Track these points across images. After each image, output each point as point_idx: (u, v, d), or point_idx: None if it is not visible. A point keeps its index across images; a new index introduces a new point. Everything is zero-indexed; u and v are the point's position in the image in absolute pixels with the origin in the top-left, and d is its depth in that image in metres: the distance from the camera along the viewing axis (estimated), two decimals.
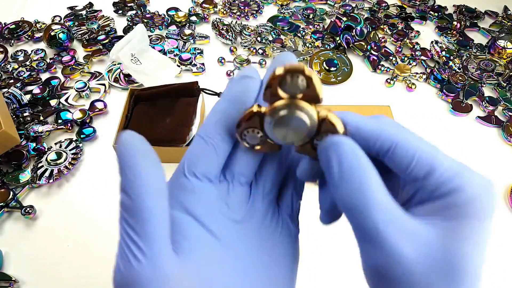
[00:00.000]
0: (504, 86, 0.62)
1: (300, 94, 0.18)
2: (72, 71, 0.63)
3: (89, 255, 0.43)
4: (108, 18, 0.73)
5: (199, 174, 0.20)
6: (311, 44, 0.68)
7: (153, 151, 0.18)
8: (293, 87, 0.18)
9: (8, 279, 0.40)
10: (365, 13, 0.77)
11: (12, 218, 0.46)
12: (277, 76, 0.18)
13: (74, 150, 0.51)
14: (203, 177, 0.20)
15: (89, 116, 0.56)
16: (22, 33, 0.70)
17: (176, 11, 0.75)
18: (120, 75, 0.62)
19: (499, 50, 0.66)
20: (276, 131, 0.19)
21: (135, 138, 0.18)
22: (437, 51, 0.67)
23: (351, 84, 0.63)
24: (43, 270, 0.42)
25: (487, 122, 0.57)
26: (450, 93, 0.60)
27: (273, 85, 0.18)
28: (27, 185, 0.48)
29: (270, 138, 0.20)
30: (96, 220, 0.46)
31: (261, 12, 0.76)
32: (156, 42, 0.68)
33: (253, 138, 0.20)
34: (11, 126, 0.50)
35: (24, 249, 0.43)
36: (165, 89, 0.54)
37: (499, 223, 0.46)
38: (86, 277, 0.41)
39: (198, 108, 0.51)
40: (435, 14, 0.76)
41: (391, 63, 0.66)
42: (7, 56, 0.66)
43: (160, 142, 0.48)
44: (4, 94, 0.57)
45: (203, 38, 0.69)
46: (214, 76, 0.63)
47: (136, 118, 0.52)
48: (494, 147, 0.54)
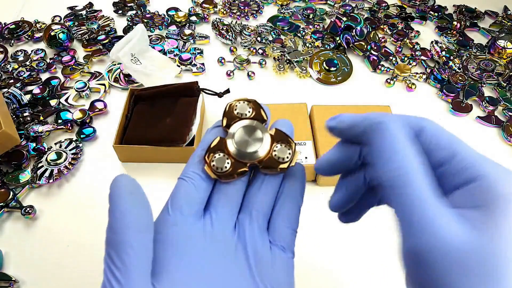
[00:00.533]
0: (504, 86, 0.62)
1: (249, 114, 0.24)
2: (72, 71, 0.63)
3: (89, 255, 0.43)
4: (108, 18, 0.73)
5: (182, 210, 0.22)
6: (311, 44, 0.68)
7: (142, 193, 0.21)
8: (243, 109, 0.24)
9: (8, 279, 0.40)
10: (365, 13, 0.77)
11: (12, 218, 0.46)
12: (232, 105, 0.24)
13: (74, 150, 0.51)
14: (185, 212, 0.22)
15: (89, 116, 0.56)
16: (22, 33, 0.70)
17: (176, 11, 0.75)
18: (120, 75, 0.62)
19: (499, 50, 0.66)
20: (238, 143, 0.23)
21: (126, 179, 0.20)
22: (437, 51, 0.67)
23: (351, 84, 0.63)
24: (43, 270, 0.42)
25: (487, 122, 0.57)
26: (450, 93, 0.60)
27: (228, 111, 0.24)
28: (27, 185, 0.48)
29: (234, 154, 0.23)
30: (96, 220, 0.46)
31: (261, 12, 0.76)
32: (156, 42, 0.68)
33: (220, 161, 0.23)
34: (11, 126, 0.50)
35: (24, 249, 0.43)
36: (165, 89, 0.54)
37: None
38: (86, 277, 0.41)
39: (198, 108, 0.51)
40: (435, 14, 0.76)
41: (391, 63, 0.66)
42: (7, 56, 0.66)
43: (160, 142, 0.48)
44: (4, 94, 0.57)
45: (203, 38, 0.69)
46: (214, 76, 0.63)
47: (136, 118, 0.52)
48: (494, 147, 0.54)
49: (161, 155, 0.49)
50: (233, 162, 0.23)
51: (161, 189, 0.47)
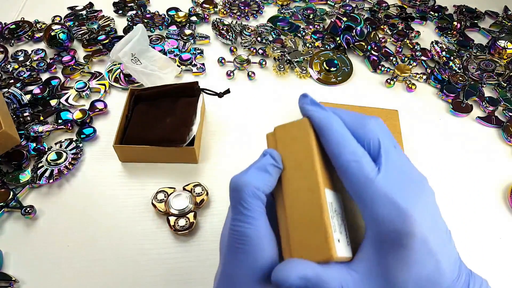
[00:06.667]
0: (504, 86, 0.62)
1: None
2: (72, 71, 0.63)
3: (89, 255, 0.43)
4: (108, 18, 0.73)
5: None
6: (311, 44, 0.68)
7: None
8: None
9: (8, 279, 0.40)
10: (365, 13, 0.77)
11: (12, 218, 0.46)
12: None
13: (74, 150, 0.51)
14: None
15: (89, 116, 0.56)
16: (22, 33, 0.70)
17: (176, 11, 0.75)
18: (120, 75, 0.62)
19: (500, 51, 0.66)
20: None
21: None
22: (437, 51, 0.67)
23: (351, 84, 0.63)
24: (43, 270, 0.42)
25: (487, 122, 0.57)
26: (450, 93, 0.60)
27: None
28: (27, 185, 0.48)
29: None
30: (96, 220, 0.46)
31: (261, 12, 0.76)
32: (156, 42, 0.68)
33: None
34: (11, 126, 0.50)
35: (24, 249, 0.43)
36: (165, 89, 0.54)
37: (499, 223, 0.46)
38: (85, 277, 0.41)
39: (198, 108, 0.51)
40: (435, 14, 0.76)
41: (391, 63, 0.66)
42: (7, 56, 0.66)
43: (160, 142, 0.48)
44: (4, 94, 0.57)
45: (203, 38, 0.69)
46: (214, 76, 0.63)
47: (136, 118, 0.52)
48: (494, 147, 0.54)
49: (161, 155, 0.49)
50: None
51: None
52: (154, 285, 0.41)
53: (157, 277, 0.41)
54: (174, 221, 0.44)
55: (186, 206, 0.44)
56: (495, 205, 0.48)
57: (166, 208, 0.45)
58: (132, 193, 0.48)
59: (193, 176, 0.49)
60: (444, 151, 0.53)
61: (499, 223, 0.46)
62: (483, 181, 0.50)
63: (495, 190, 0.49)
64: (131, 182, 0.49)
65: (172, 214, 0.44)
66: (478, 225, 0.46)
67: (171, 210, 0.44)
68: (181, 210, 0.44)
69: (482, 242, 0.44)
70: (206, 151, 0.52)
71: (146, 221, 0.45)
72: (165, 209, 0.45)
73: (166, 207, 0.45)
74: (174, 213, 0.44)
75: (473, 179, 0.50)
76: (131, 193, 0.48)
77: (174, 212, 0.44)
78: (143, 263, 0.42)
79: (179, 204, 0.45)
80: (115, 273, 0.41)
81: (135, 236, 0.44)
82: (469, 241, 0.45)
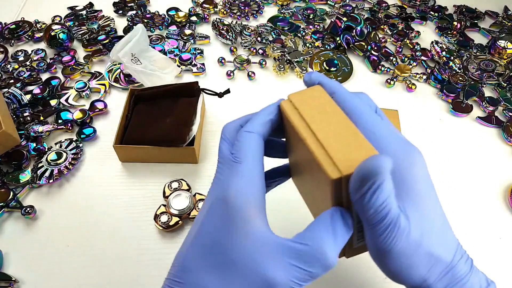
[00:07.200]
0: (504, 86, 0.62)
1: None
2: (72, 71, 0.63)
3: (89, 255, 0.43)
4: (108, 18, 0.73)
5: None
6: (311, 44, 0.68)
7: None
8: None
9: (8, 279, 0.40)
10: (365, 13, 0.77)
11: (12, 218, 0.46)
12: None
13: (74, 150, 0.51)
14: None
15: (89, 116, 0.56)
16: (22, 33, 0.70)
17: (176, 11, 0.75)
18: (120, 75, 0.62)
19: (500, 51, 0.66)
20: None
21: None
22: (438, 51, 0.67)
23: (352, 84, 0.63)
24: (43, 270, 0.42)
25: (488, 122, 0.57)
26: (451, 93, 0.60)
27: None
28: (27, 185, 0.48)
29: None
30: (96, 220, 0.46)
31: (261, 12, 0.76)
32: (156, 42, 0.68)
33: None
34: (11, 126, 0.50)
35: (24, 249, 0.43)
36: (165, 89, 0.54)
37: (499, 223, 0.46)
38: (85, 277, 0.41)
39: (198, 108, 0.51)
40: (435, 14, 0.76)
41: (392, 63, 0.66)
42: (7, 56, 0.66)
43: (160, 142, 0.48)
44: (4, 94, 0.57)
45: (203, 38, 0.69)
46: (214, 76, 0.63)
47: (136, 118, 0.52)
48: (494, 147, 0.54)
49: (161, 155, 0.49)
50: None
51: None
52: (154, 285, 0.41)
53: (156, 277, 0.41)
54: (157, 217, 0.44)
55: (186, 206, 0.44)
56: (495, 205, 0.48)
57: (166, 209, 0.45)
58: (132, 193, 0.48)
59: (193, 176, 0.49)
60: (444, 151, 0.53)
61: (499, 223, 0.46)
62: (483, 181, 0.50)
63: (495, 190, 0.49)
64: (131, 182, 0.49)
65: (172, 214, 0.44)
66: (478, 225, 0.46)
67: (171, 210, 0.44)
68: (181, 210, 0.44)
69: (482, 242, 0.44)
70: (206, 151, 0.52)
71: (146, 221, 0.45)
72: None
73: (166, 208, 0.45)
74: (174, 213, 0.44)
75: (473, 179, 0.50)
76: (131, 193, 0.48)
77: (174, 212, 0.44)
78: (143, 263, 0.42)
79: (179, 204, 0.45)
80: (115, 273, 0.42)
81: (135, 236, 0.44)
82: (469, 241, 0.45)
